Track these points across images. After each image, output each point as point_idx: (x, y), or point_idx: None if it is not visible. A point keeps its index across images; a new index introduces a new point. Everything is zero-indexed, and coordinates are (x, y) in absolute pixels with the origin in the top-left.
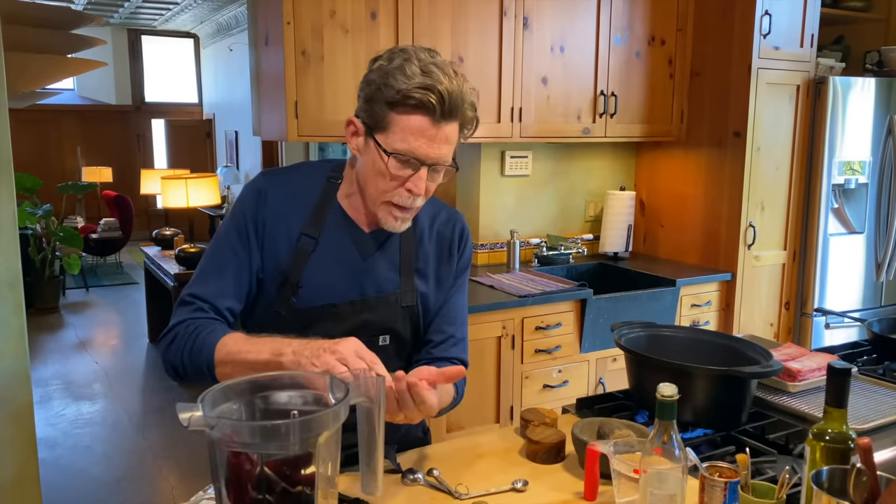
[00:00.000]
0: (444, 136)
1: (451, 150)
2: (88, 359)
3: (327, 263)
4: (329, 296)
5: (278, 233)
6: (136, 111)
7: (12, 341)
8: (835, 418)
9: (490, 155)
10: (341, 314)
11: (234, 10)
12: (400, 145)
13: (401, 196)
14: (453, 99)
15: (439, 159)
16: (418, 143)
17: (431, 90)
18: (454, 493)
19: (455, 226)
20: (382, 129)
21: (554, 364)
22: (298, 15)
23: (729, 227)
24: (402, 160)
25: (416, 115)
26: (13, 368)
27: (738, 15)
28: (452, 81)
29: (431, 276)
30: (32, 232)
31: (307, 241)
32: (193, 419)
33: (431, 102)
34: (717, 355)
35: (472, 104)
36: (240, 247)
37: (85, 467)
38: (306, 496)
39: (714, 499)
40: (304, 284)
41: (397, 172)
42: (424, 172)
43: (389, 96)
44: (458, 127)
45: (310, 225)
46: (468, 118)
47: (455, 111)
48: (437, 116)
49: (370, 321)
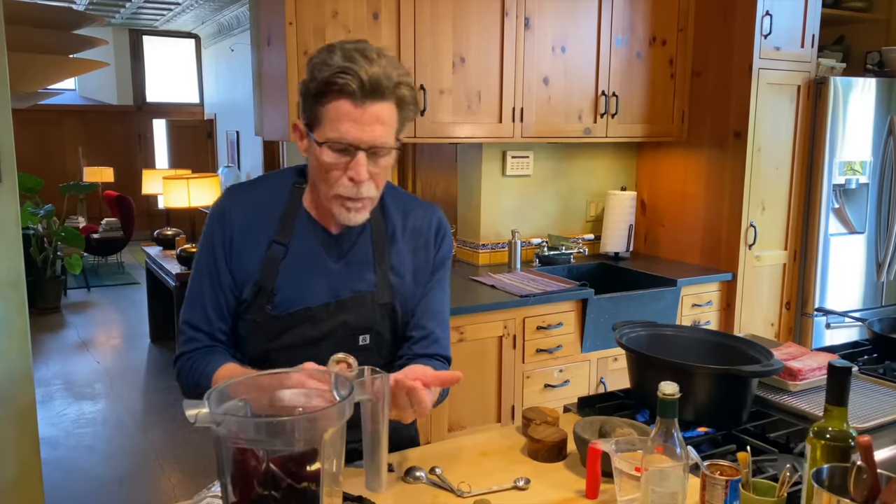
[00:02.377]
0: (373, 117)
1: (386, 131)
2: (90, 358)
3: (299, 268)
4: (304, 300)
5: (246, 246)
6: (138, 111)
7: (15, 341)
8: (835, 417)
9: (491, 155)
10: (318, 317)
11: (236, 10)
12: (331, 134)
13: (345, 187)
14: (375, 79)
15: (374, 142)
16: (347, 128)
17: (349, 72)
18: (456, 492)
19: (431, 220)
20: (316, 123)
21: (555, 364)
22: (300, 15)
23: (730, 227)
24: (336, 148)
25: (339, 100)
26: (16, 368)
27: (738, 15)
28: (374, 64)
29: (408, 273)
30: (34, 232)
31: (277, 248)
32: (200, 416)
33: (351, 85)
34: (717, 354)
35: (406, 84)
36: (213, 269)
37: (87, 467)
38: (311, 492)
39: (715, 497)
40: (279, 291)
41: (335, 162)
42: (362, 157)
43: (314, 89)
44: (391, 108)
45: (279, 232)
46: (403, 97)
47: (380, 91)
48: (359, 98)
49: (348, 322)
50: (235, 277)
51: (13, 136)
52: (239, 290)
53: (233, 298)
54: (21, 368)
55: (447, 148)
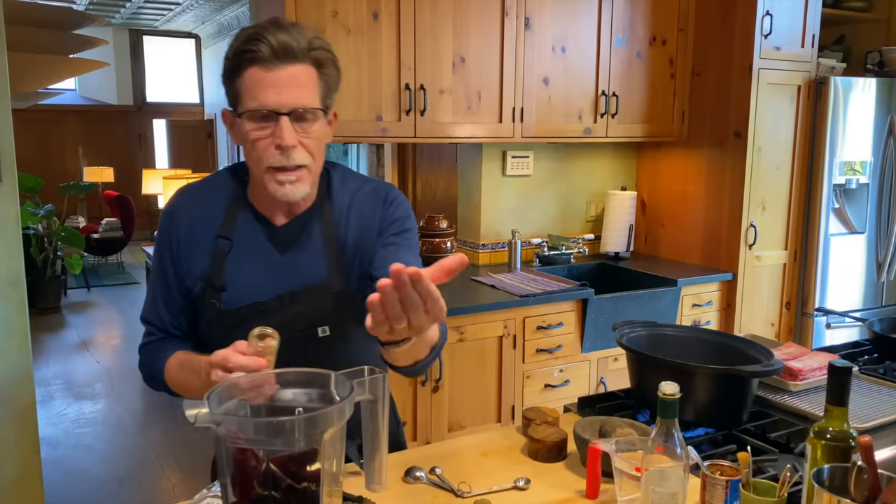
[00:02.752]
0: (289, 79)
1: (305, 92)
2: (90, 358)
3: (246, 262)
4: (253, 294)
5: (194, 244)
6: (138, 111)
7: (15, 341)
8: (836, 417)
9: (491, 155)
10: (269, 311)
11: (236, 10)
12: (250, 103)
13: (274, 157)
14: (283, 42)
15: (294, 104)
16: (264, 94)
17: (256, 38)
18: (456, 492)
19: (378, 194)
20: (238, 100)
21: (555, 364)
22: (300, 15)
23: (730, 227)
24: (257, 117)
25: (252, 68)
26: (16, 368)
27: (739, 15)
28: (283, 30)
29: (360, 256)
30: (34, 232)
31: (222, 242)
32: (200, 416)
33: (260, 50)
34: (718, 354)
35: (320, 47)
36: (162, 269)
37: (87, 467)
38: (311, 493)
39: (716, 497)
40: (228, 287)
41: (260, 132)
42: (285, 121)
43: (228, 66)
44: (308, 69)
45: (222, 226)
46: (320, 58)
47: (291, 52)
48: (270, 61)
49: (302, 313)
50: (185, 275)
51: (13, 136)
52: (190, 288)
53: (181, 297)
54: (21, 368)
55: (447, 148)
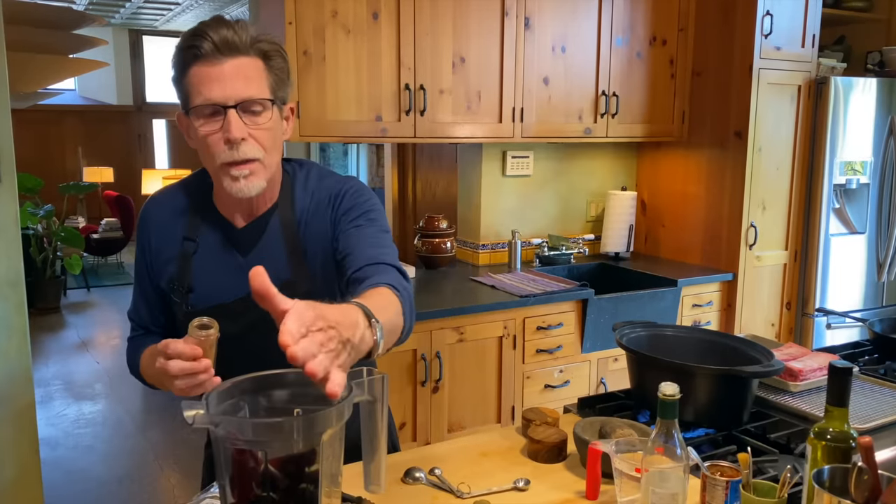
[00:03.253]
0: (234, 71)
1: (251, 84)
2: (90, 359)
3: (210, 264)
4: (218, 296)
5: (163, 245)
6: (138, 111)
7: (14, 341)
8: (836, 417)
9: (491, 155)
10: (234, 313)
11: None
12: (197, 99)
13: (224, 152)
14: (224, 36)
15: (239, 96)
16: (209, 90)
17: (197, 35)
18: (456, 492)
19: (330, 191)
20: (187, 100)
21: (555, 364)
22: (300, 15)
23: (730, 227)
24: (205, 113)
25: (196, 65)
26: (15, 368)
27: (739, 15)
28: (226, 27)
29: (323, 254)
30: (34, 232)
31: (188, 244)
32: (198, 417)
33: (200, 46)
34: (718, 355)
35: (266, 41)
36: (140, 270)
37: (86, 467)
38: (310, 493)
39: (716, 498)
40: (195, 288)
41: (209, 128)
42: (232, 115)
43: (175, 67)
44: (253, 62)
45: (188, 228)
46: (265, 51)
47: (234, 46)
48: (213, 56)
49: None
50: (157, 277)
51: (13, 136)
52: (164, 289)
53: (157, 297)
54: (20, 369)
55: (447, 148)
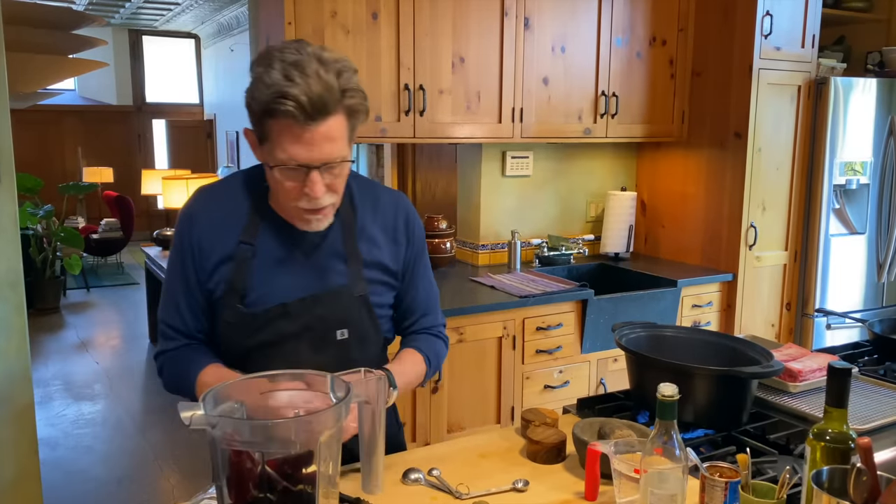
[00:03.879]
0: (322, 136)
1: (335, 146)
2: (89, 359)
3: (270, 266)
4: (278, 296)
5: (214, 249)
6: (137, 111)
7: (13, 341)
8: (835, 418)
9: (491, 155)
10: (293, 313)
11: (235, 10)
12: (280, 155)
13: (302, 200)
14: (316, 99)
15: (324, 159)
16: (295, 150)
17: (287, 97)
18: (455, 493)
19: (398, 211)
20: (264, 140)
21: (555, 364)
22: (300, 15)
23: (730, 228)
24: (288, 169)
25: (284, 121)
26: (14, 369)
27: (739, 15)
28: (313, 81)
29: (380, 264)
30: (33, 232)
31: (245, 248)
32: (195, 418)
33: (290, 110)
34: (717, 355)
35: (353, 90)
36: (183, 271)
37: (86, 467)
38: (307, 495)
39: (714, 499)
40: (251, 290)
41: (289, 181)
42: (315, 176)
43: (256, 108)
44: (339, 120)
45: (245, 232)
46: (352, 106)
47: (324, 109)
48: (302, 121)
49: (324, 316)
50: (206, 278)
51: (12, 137)
52: (211, 290)
53: (203, 299)
54: (20, 369)
55: (447, 148)
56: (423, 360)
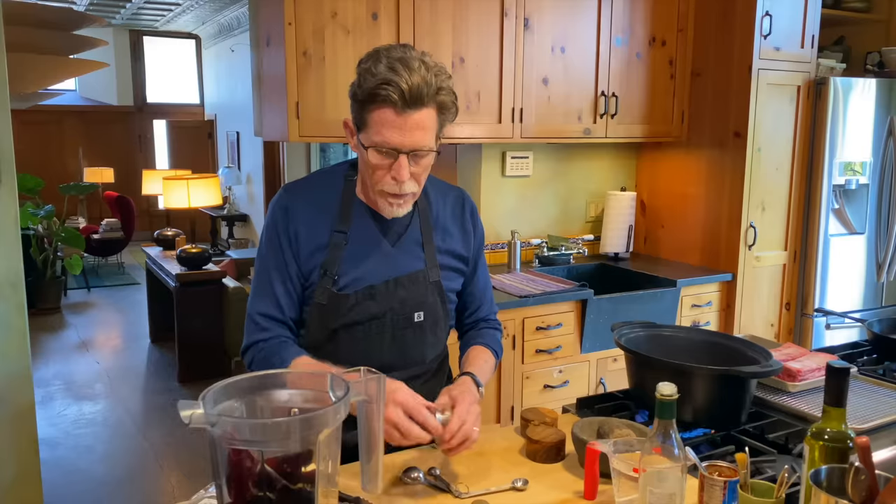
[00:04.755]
0: (415, 124)
1: (425, 135)
2: (90, 359)
3: (361, 252)
4: (366, 279)
5: (310, 237)
6: (138, 112)
7: (14, 341)
8: (833, 417)
9: (491, 155)
10: (379, 294)
11: (236, 10)
12: (375, 138)
13: (389, 184)
14: (415, 89)
15: (414, 146)
16: (390, 134)
17: (391, 84)
18: (454, 492)
19: (465, 203)
20: (363, 126)
21: (554, 364)
22: (300, 16)
23: (729, 228)
24: (380, 151)
25: (383, 108)
26: (15, 368)
27: (738, 16)
28: (414, 74)
29: (452, 252)
30: (34, 232)
31: (339, 236)
32: (195, 417)
33: (392, 96)
34: (717, 355)
35: (446, 89)
36: (281, 262)
37: (86, 467)
38: (307, 493)
39: (713, 498)
40: (343, 274)
41: (379, 163)
42: (404, 160)
43: (361, 96)
44: (431, 113)
45: (338, 222)
46: (444, 103)
47: (420, 100)
48: (400, 107)
49: (405, 298)
50: (302, 267)
51: (13, 137)
52: (306, 277)
53: (300, 288)
54: (20, 369)
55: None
56: (492, 354)
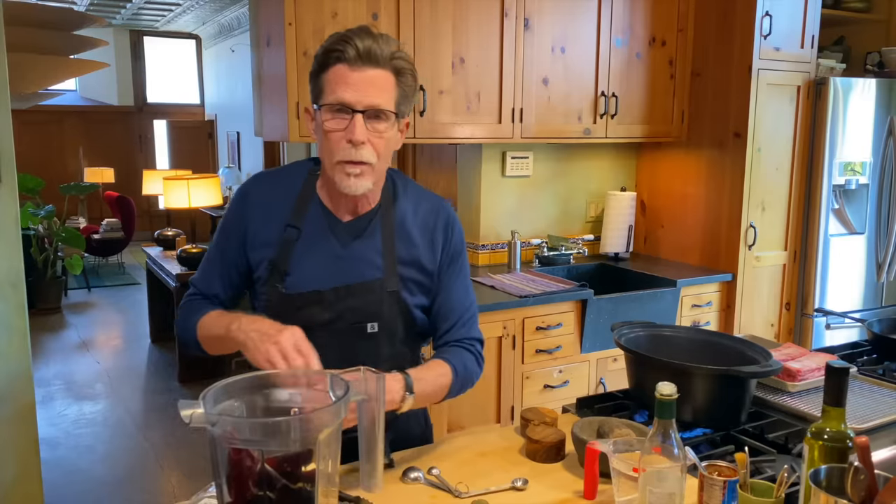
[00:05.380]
0: (368, 80)
1: (381, 94)
2: (90, 359)
3: (311, 252)
4: (314, 283)
5: (264, 226)
6: (139, 112)
7: (15, 341)
8: (833, 417)
9: (491, 156)
10: (326, 300)
11: (236, 11)
12: (329, 98)
13: (345, 150)
14: (368, 47)
15: (370, 103)
16: (343, 90)
17: (344, 40)
18: (454, 492)
19: (439, 214)
20: (320, 94)
21: (555, 364)
22: (300, 16)
23: (730, 228)
24: (334, 109)
25: (336, 65)
26: (15, 368)
27: (738, 16)
28: (367, 38)
29: (416, 263)
30: (35, 232)
31: (291, 231)
32: (195, 416)
33: (345, 51)
34: (716, 355)
35: (401, 58)
36: (225, 244)
37: (86, 467)
38: (307, 493)
39: (713, 497)
40: (291, 272)
41: (334, 126)
42: (359, 118)
43: (316, 65)
44: (387, 75)
45: (293, 215)
46: (401, 67)
47: (374, 57)
48: (352, 62)
49: (355, 307)
50: (251, 256)
51: (13, 137)
52: (254, 267)
53: (237, 274)
54: (21, 369)
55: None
56: (449, 371)
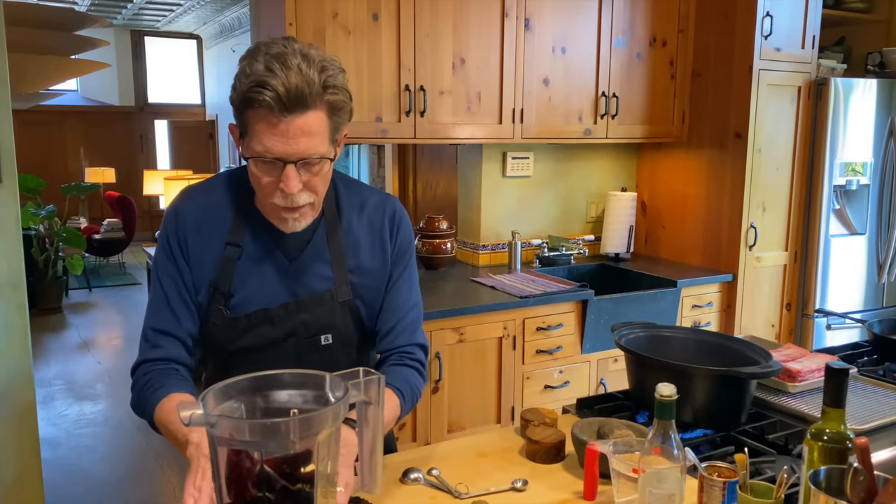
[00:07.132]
0: (298, 130)
1: (313, 141)
2: (91, 359)
3: (255, 269)
4: (261, 301)
5: (200, 246)
6: (139, 112)
7: (15, 341)
8: (833, 418)
9: (491, 156)
10: (276, 318)
11: (237, 11)
12: (257, 147)
13: (277, 197)
14: (294, 90)
15: (301, 154)
16: (271, 142)
17: (264, 86)
18: (454, 493)
19: (385, 211)
20: (245, 133)
21: (555, 364)
22: (300, 16)
23: (730, 228)
24: (263, 162)
25: (261, 112)
26: (16, 368)
27: (739, 16)
28: (292, 73)
29: (366, 267)
30: (35, 233)
31: (231, 249)
32: (194, 417)
33: (267, 100)
34: (716, 356)
35: (334, 87)
36: (174, 271)
37: (87, 467)
38: (306, 494)
39: (713, 498)
40: (235, 293)
41: (265, 175)
42: (291, 170)
43: (235, 99)
44: (318, 116)
45: (231, 233)
46: (334, 103)
47: (302, 102)
48: (277, 112)
49: (307, 321)
50: (194, 275)
51: (14, 137)
52: (196, 291)
53: (193, 299)
54: (21, 369)
55: (447, 149)
56: (397, 400)
